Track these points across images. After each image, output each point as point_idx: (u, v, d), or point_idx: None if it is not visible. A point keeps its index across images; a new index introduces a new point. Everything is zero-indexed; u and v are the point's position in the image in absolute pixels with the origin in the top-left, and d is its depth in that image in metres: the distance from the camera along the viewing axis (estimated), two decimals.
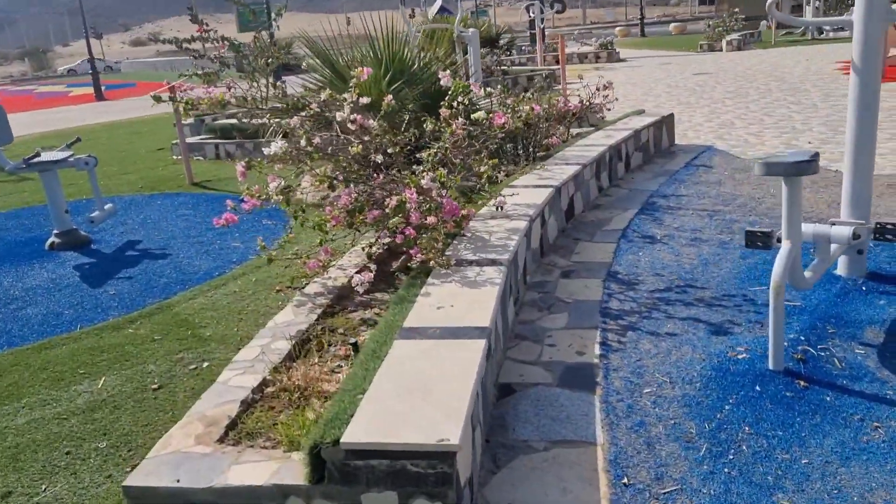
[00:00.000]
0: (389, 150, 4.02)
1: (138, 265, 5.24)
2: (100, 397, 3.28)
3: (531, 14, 18.58)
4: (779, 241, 3.16)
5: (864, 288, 3.64)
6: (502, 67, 14.07)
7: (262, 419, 2.61)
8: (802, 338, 3.13)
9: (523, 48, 22.25)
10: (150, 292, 4.64)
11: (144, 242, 5.86)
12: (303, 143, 3.77)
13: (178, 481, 2.19)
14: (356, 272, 4.06)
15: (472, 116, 4.76)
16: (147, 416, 3.07)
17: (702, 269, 4.14)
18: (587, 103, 6.86)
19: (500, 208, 4.08)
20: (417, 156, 4.30)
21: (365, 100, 4.44)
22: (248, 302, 4.28)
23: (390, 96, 4.62)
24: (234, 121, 9.93)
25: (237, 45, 8.84)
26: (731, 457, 2.43)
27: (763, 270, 4.02)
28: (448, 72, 4.77)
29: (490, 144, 4.58)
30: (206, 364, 3.51)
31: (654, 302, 3.76)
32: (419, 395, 2.27)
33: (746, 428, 2.58)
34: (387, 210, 3.52)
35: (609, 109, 7.32)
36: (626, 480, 2.35)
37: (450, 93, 4.35)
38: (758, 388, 2.81)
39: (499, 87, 6.28)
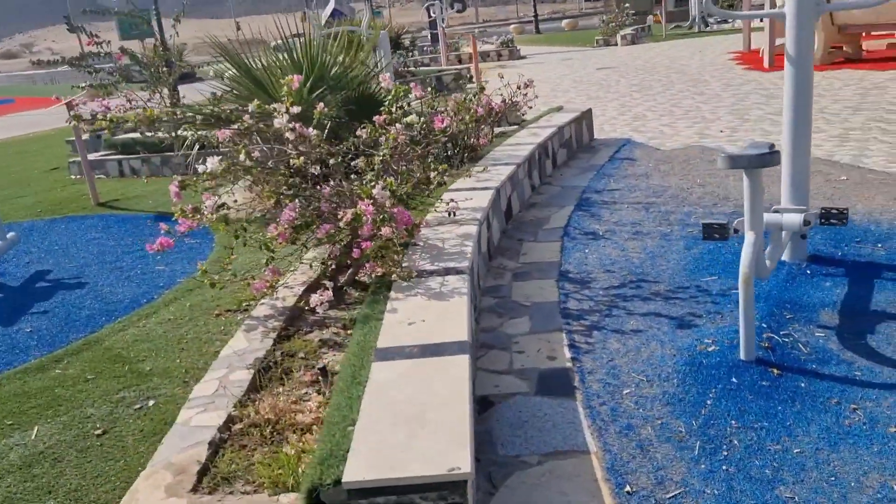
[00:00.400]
0: (331, 161, 3.84)
1: (53, 297, 4.82)
2: (36, 449, 2.96)
3: (432, 14, 18.57)
4: (736, 231, 3.21)
5: (808, 272, 3.76)
6: (409, 69, 13.96)
7: (236, 460, 2.41)
8: (764, 325, 3.19)
9: (424, 48, 22.23)
10: (73, 327, 4.26)
11: (56, 272, 5.40)
12: (241, 157, 3.55)
13: None
14: (304, 290, 3.87)
15: (405, 120, 4.65)
16: (95, 466, 2.79)
17: (650, 263, 4.18)
18: (509, 102, 6.85)
19: (451, 214, 3.98)
20: (353, 164, 4.14)
21: (295, 109, 4.25)
22: (187, 330, 4.00)
23: (321, 104, 4.43)
24: (136, 135, 9.41)
25: (136, 55, 8.38)
26: (726, 453, 2.43)
27: (709, 260, 4.10)
28: (388, 75, 4.62)
29: (432, 149, 4.47)
30: (151, 402, 3.23)
31: (612, 299, 3.76)
32: (415, 422, 2.14)
33: (733, 422, 2.59)
34: (340, 224, 3.35)
35: (530, 108, 7.35)
36: (628, 489, 2.30)
37: (390, 97, 4.21)
38: (734, 379, 2.83)
39: (429, 88, 6.17)
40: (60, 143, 13.26)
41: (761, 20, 13.88)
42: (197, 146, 6.20)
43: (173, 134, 8.06)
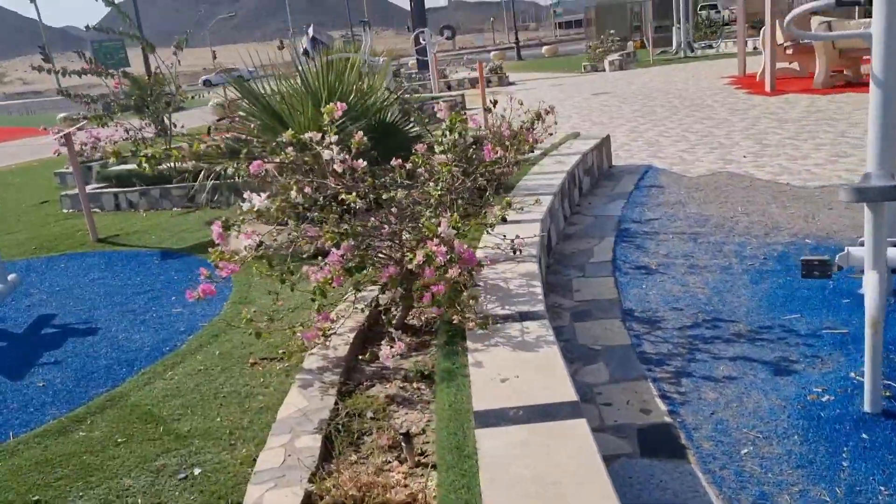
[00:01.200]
0: (384, 196, 3.53)
1: (64, 346, 4.42)
2: None
3: (422, 41, 18.44)
4: (839, 269, 2.95)
5: None
6: (405, 95, 13.73)
7: None
8: (882, 371, 2.91)
9: (413, 75, 22.10)
10: (91, 380, 3.87)
11: (62, 316, 5.00)
12: (293, 194, 3.22)
13: None
14: (354, 336, 3.54)
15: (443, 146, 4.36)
16: None
17: (719, 300, 3.91)
18: (530, 128, 6.60)
19: (517, 251, 3.68)
20: (384, 198, 3.82)
21: (332, 138, 3.93)
22: (222, 382, 3.63)
23: (360, 133, 4.13)
24: (131, 166, 9.04)
25: (138, 79, 8.04)
26: None
27: (784, 296, 3.83)
28: (443, 103, 4.34)
29: (483, 180, 4.19)
30: (197, 471, 2.86)
31: (690, 341, 3.47)
32: None
33: (882, 489, 2.29)
34: (411, 266, 3.03)
35: (551, 134, 7.11)
36: None
37: (445, 125, 3.92)
38: (865, 435, 2.54)
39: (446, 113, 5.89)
40: (45, 175, 12.82)
41: (755, 47, 13.89)
42: (210, 180, 5.86)
43: (183, 165, 7.73)
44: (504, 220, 3.52)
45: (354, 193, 3.35)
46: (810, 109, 9.74)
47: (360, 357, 3.37)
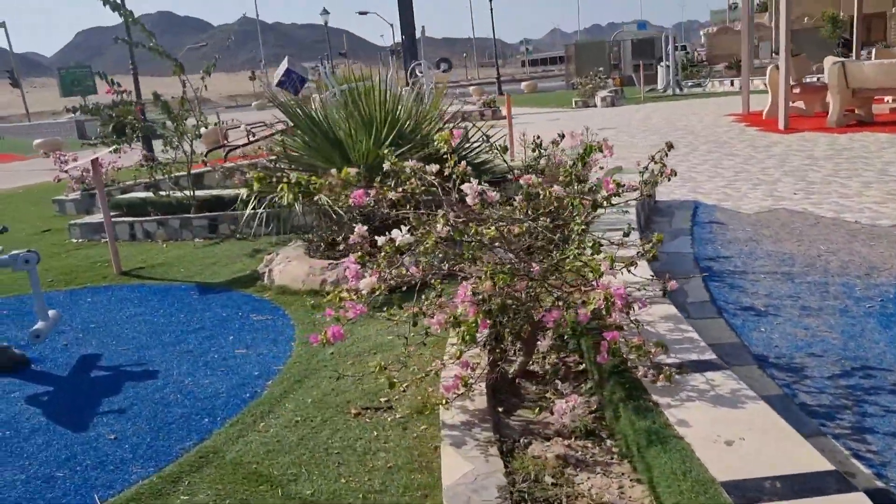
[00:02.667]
0: (517, 230, 3.20)
1: (123, 391, 3.97)
2: None
3: (418, 73, 18.27)
4: None
5: None
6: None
7: None
8: None
9: None
10: (170, 431, 3.44)
11: (108, 356, 4.55)
12: (439, 227, 2.88)
13: None
14: (487, 385, 3.18)
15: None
16: None
17: (856, 345, 3.65)
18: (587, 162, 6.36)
19: (665, 293, 3.39)
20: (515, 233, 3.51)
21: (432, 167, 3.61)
22: (328, 436, 3.24)
23: (464, 163, 3.83)
24: (147, 194, 8.60)
25: (168, 104, 7.64)
26: None
27: None
28: (580, 132, 4.05)
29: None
30: None
31: (850, 392, 3.19)
32: None
33: None
34: (578, 310, 2.70)
35: (601, 168, 6.87)
36: None
37: (585, 151, 3.64)
38: None
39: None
40: (37, 202, 12.21)
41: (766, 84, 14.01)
42: (260, 209, 5.48)
43: (228, 191, 7.33)
44: (655, 258, 3.22)
45: (494, 227, 3.03)
46: (835, 147, 9.72)
47: (500, 409, 3.02)
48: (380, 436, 3.18)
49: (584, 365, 3.40)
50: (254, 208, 5.42)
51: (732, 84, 22.77)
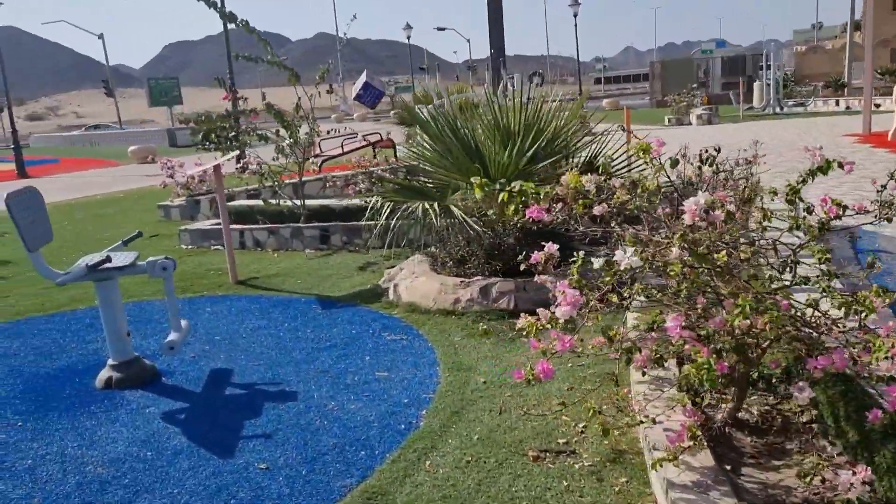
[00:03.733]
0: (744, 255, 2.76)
1: (264, 413, 3.67)
2: None
3: (511, 87, 17.97)
4: None
5: None
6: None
7: None
8: None
9: None
10: (325, 464, 3.11)
11: (239, 372, 4.28)
12: (675, 251, 2.45)
13: None
14: (708, 437, 2.72)
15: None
16: None
17: None
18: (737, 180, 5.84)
19: None
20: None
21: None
22: (509, 483, 2.84)
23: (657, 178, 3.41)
24: (255, 202, 8.47)
25: (279, 112, 7.48)
26: None
27: None
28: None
29: None
30: None
31: None
32: None
33: None
34: (834, 355, 2.23)
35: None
36: None
37: (823, 166, 3.17)
38: None
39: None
40: (137, 207, 12.36)
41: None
42: (393, 220, 5.17)
43: (346, 202, 7.10)
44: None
45: (724, 251, 2.59)
46: None
47: (728, 468, 2.56)
48: (571, 487, 2.77)
49: (803, 416, 2.91)
50: (386, 219, 5.10)
51: (838, 104, 21.62)
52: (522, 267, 2.92)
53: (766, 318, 2.21)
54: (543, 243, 5.19)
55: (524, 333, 2.72)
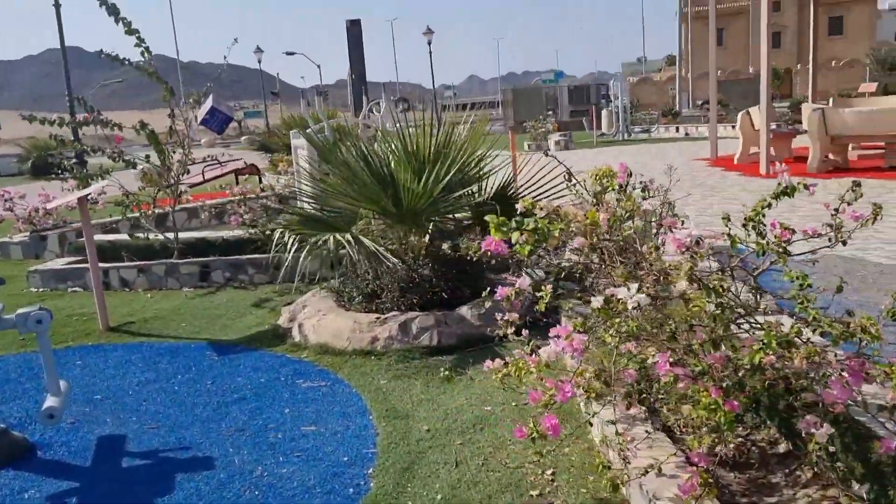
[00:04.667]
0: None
1: (178, 487, 3.12)
2: None
3: (376, 112, 17.71)
4: None
5: None
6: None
7: None
8: None
9: None
10: None
11: (135, 439, 3.66)
12: (682, 283, 2.26)
13: None
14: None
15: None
16: None
17: None
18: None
19: None
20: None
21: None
22: None
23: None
24: (121, 236, 7.64)
25: (156, 135, 6.76)
26: None
27: None
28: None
29: None
30: None
31: None
32: None
33: None
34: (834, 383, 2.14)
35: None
36: None
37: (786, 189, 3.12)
38: None
39: None
40: None
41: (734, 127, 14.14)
42: (302, 253, 4.71)
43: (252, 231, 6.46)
44: None
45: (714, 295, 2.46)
46: (829, 191, 9.66)
47: None
48: None
49: (785, 445, 2.84)
50: (295, 252, 4.63)
51: (678, 130, 23.29)
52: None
53: (802, 352, 2.08)
54: (459, 275, 4.89)
55: (497, 377, 2.45)
